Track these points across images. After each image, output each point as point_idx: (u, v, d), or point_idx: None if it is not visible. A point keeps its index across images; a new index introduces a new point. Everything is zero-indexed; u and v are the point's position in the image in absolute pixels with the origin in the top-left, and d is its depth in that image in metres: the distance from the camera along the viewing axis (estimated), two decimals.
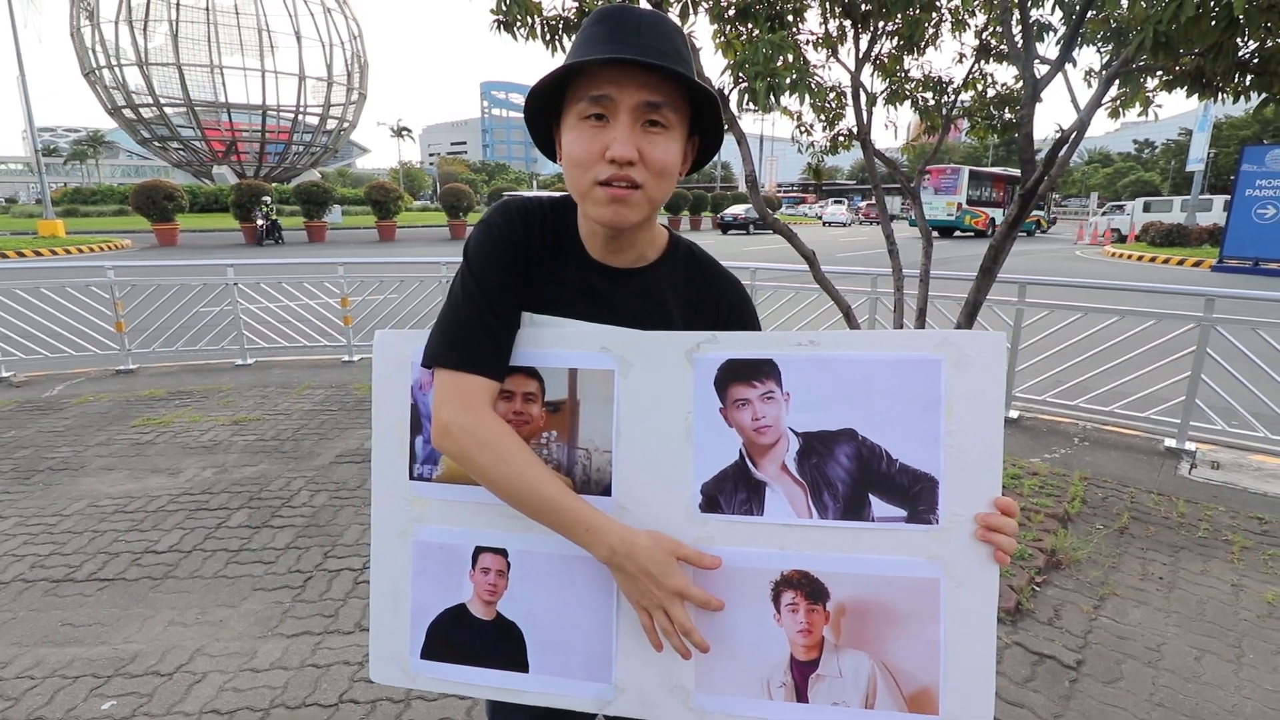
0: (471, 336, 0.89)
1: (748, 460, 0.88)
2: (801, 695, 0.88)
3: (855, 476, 0.86)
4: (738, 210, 32.09)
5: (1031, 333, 4.84)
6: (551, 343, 0.93)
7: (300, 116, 45.41)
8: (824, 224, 42.35)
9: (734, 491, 0.88)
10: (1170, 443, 4.31)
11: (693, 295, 1.01)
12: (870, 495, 0.85)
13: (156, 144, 44.04)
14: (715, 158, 0.99)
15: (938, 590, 0.85)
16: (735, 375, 0.88)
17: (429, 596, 0.98)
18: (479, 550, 0.96)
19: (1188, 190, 29.72)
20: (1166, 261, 18.21)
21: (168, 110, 41.80)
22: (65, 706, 2.06)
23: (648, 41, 0.83)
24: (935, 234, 29.49)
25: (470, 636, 0.96)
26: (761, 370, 0.87)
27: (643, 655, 0.91)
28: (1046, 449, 4.31)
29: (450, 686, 0.98)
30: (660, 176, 0.86)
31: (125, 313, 6.11)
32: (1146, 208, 25.83)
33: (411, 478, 0.97)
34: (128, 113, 41.40)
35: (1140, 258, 19.32)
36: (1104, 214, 28.75)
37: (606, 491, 0.91)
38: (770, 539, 0.87)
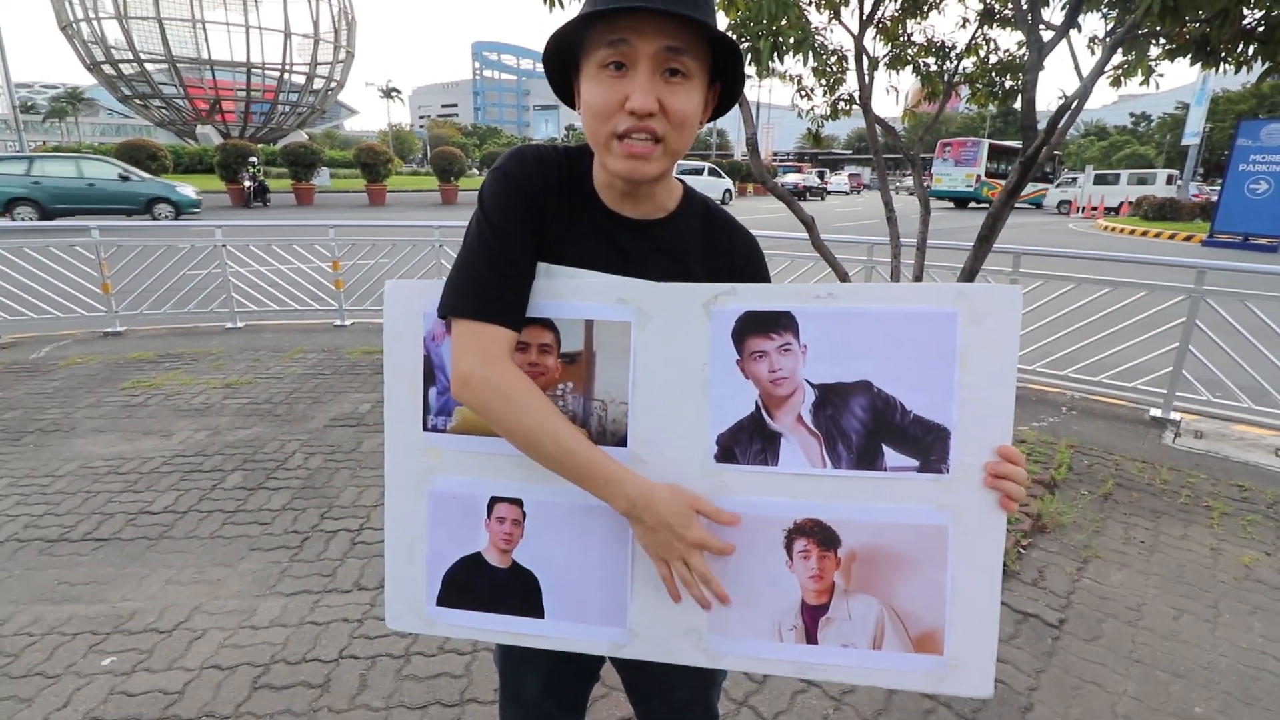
0: (489, 286, 0.88)
1: (763, 411, 0.89)
2: (811, 637, 0.91)
3: (869, 427, 0.87)
4: (796, 179, 37.83)
5: (1024, 303, 4.85)
6: (568, 294, 0.92)
7: (286, 75, 44.24)
8: (827, 193, 41.95)
9: (749, 442, 0.90)
10: (1156, 412, 4.38)
11: (708, 248, 1.00)
12: (884, 445, 0.87)
13: (138, 102, 42.81)
14: (711, 124, 0.96)
15: (946, 537, 0.87)
16: (753, 327, 0.89)
17: (444, 546, 0.99)
18: (494, 500, 0.97)
19: (1181, 164, 30.04)
20: (1158, 236, 18.26)
21: (149, 66, 40.52)
22: (65, 662, 2.09)
23: None
24: (951, 205, 30.19)
25: (486, 584, 0.98)
26: (779, 322, 0.88)
27: (657, 600, 0.93)
28: (1035, 417, 4.36)
29: (466, 632, 1.00)
30: (681, 127, 0.85)
31: (111, 274, 6.02)
32: (1097, 180, 28.18)
33: (425, 429, 0.98)
34: (107, 68, 40.10)
35: (1132, 231, 19.36)
36: (1058, 186, 30.88)
37: (622, 443, 0.92)
38: (784, 488, 0.89)
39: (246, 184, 21.68)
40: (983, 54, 3.71)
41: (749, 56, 2.49)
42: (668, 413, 0.91)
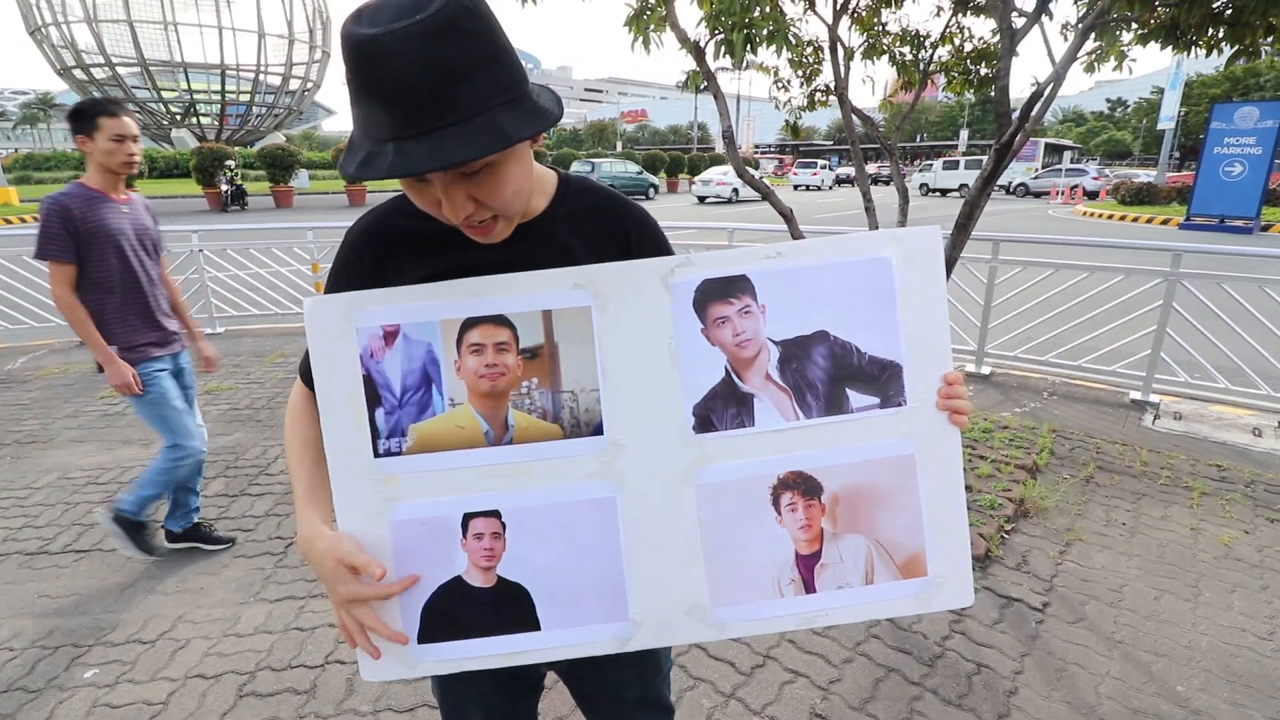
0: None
1: (733, 375, 0.91)
2: (810, 587, 0.93)
3: (832, 374, 0.92)
4: (849, 170, 41.67)
5: (1004, 290, 4.91)
6: (519, 286, 0.89)
7: (261, 76, 43.66)
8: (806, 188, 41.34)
9: (724, 408, 0.91)
10: (1135, 395, 4.43)
11: (596, 230, 0.97)
12: (847, 389, 0.92)
13: None
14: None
15: (914, 463, 0.93)
16: (713, 294, 0.90)
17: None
18: (468, 516, 0.90)
19: (1158, 149, 30.56)
20: (1136, 220, 18.47)
21: (121, 70, 39.86)
22: (46, 676, 2.06)
23: (419, 105, 0.68)
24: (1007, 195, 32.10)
25: (472, 608, 0.91)
26: (737, 286, 0.90)
27: (656, 584, 0.92)
28: (1017, 403, 4.41)
29: (457, 665, 0.92)
30: (509, 200, 0.81)
31: None
32: (970, 165, 32.03)
33: (377, 455, 0.89)
34: (78, 73, 39.36)
35: (1111, 216, 19.57)
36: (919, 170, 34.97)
37: (598, 431, 0.90)
38: (764, 447, 0.92)
39: (223, 188, 21.35)
40: (957, 42, 3.72)
41: (723, 49, 2.49)
42: (640, 392, 0.90)
